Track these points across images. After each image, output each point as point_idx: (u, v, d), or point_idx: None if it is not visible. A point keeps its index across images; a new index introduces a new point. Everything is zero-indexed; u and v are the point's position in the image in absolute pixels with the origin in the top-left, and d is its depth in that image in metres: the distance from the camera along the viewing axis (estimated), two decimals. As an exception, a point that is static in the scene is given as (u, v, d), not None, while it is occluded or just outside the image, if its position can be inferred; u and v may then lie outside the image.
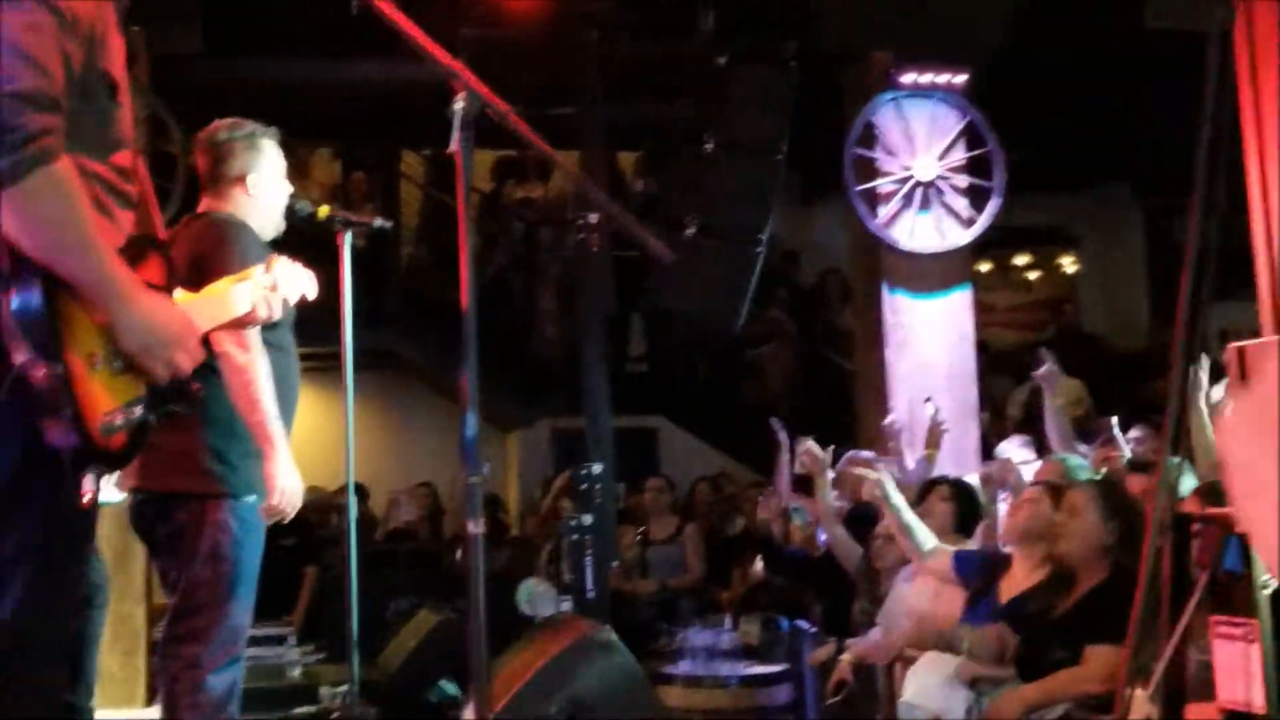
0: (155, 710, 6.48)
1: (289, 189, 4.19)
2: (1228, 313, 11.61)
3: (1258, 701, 1.82)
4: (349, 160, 10.66)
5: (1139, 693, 3.64)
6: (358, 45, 7.33)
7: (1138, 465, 5.24)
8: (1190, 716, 2.28)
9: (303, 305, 3.96)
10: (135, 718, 6.39)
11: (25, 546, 2.24)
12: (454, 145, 2.40)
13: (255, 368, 3.67)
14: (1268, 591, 1.81)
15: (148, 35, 6.81)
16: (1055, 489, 4.80)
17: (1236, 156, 3.55)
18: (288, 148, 4.25)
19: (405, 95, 7.66)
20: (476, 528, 2.45)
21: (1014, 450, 6.37)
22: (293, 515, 3.87)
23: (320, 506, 8.85)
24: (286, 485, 3.74)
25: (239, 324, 3.01)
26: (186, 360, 2.42)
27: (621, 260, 7.90)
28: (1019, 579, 4.67)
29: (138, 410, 2.36)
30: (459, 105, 2.41)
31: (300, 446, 3.96)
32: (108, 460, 2.31)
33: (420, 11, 2.62)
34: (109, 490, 4.45)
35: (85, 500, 2.28)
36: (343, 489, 9.15)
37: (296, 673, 7.01)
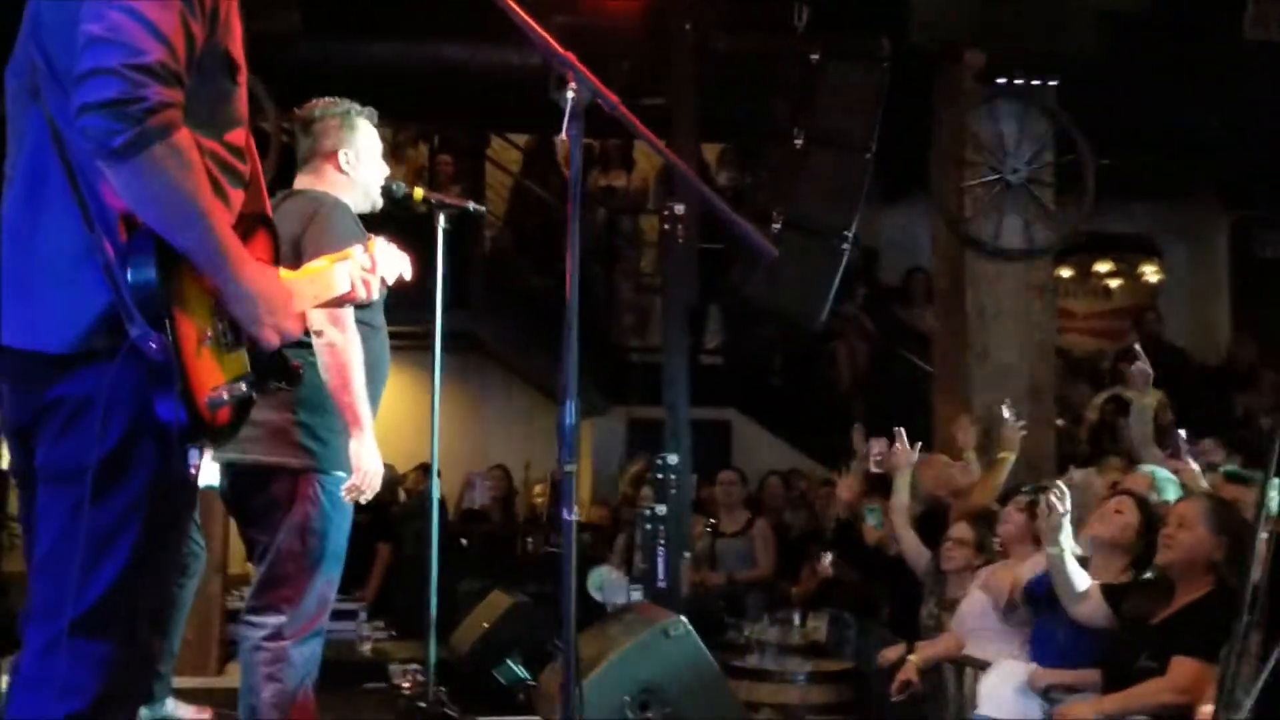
0: (227, 678, 6.60)
1: (385, 168, 4.23)
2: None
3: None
4: (437, 142, 10.73)
5: (1208, 707, 3.61)
6: (453, 28, 7.42)
7: (1235, 477, 5.18)
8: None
9: (392, 285, 4.00)
10: (208, 685, 6.48)
11: (131, 513, 2.27)
12: (564, 134, 2.39)
13: (349, 348, 3.71)
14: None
15: (246, 12, 6.93)
16: (1142, 501, 4.76)
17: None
18: (380, 133, 4.29)
19: (497, 80, 7.77)
20: (571, 515, 2.46)
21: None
22: (372, 495, 3.92)
23: (393, 485, 8.94)
24: (369, 466, 3.79)
25: (337, 303, 3.03)
26: (294, 328, 2.45)
27: (703, 251, 7.89)
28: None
29: (243, 386, 2.38)
30: (570, 94, 2.40)
31: (379, 424, 4.00)
32: (212, 435, 2.34)
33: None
34: (210, 472, 4.53)
35: (191, 472, 2.32)
36: (416, 468, 9.31)
37: (367, 649, 7.10)
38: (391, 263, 3.35)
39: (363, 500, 3.89)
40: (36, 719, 2.21)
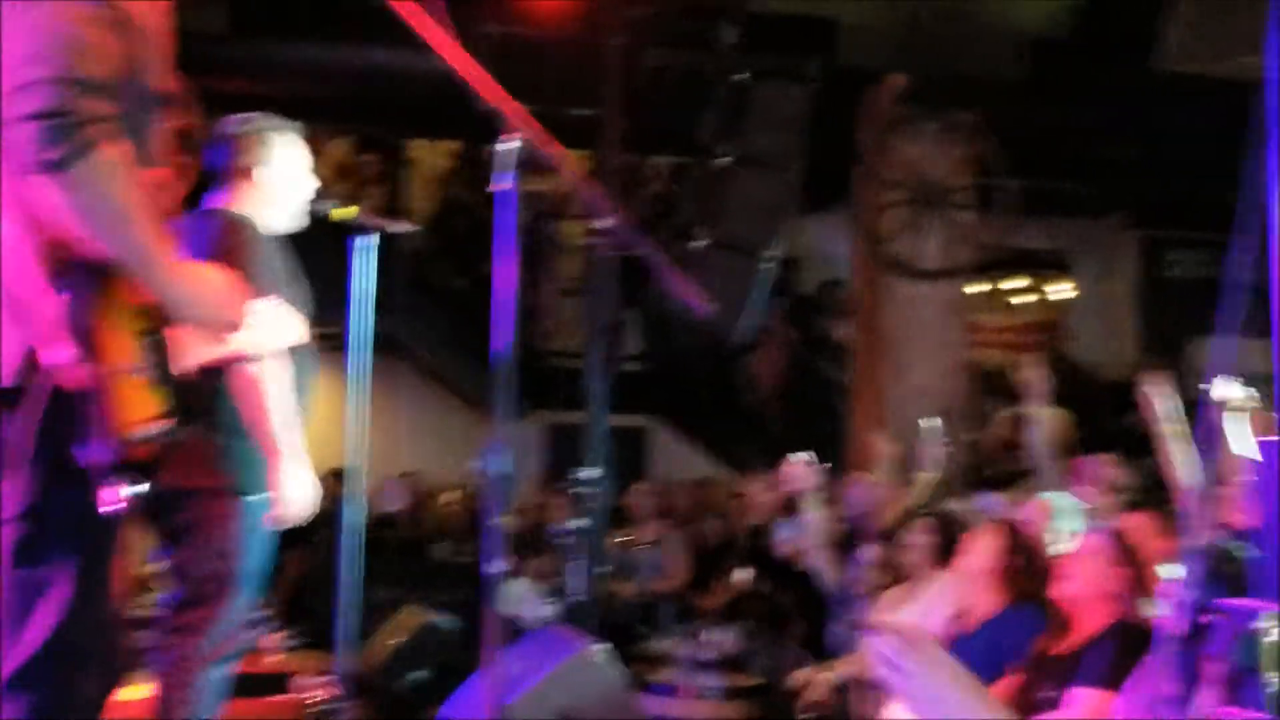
0: (125, 691, 6.48)
1: (312, 184, 4.17)
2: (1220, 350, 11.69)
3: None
4: (360, 143, 10.64)
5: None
6: (383, 33, 7.36)
7: (1135, 504, 5.29)
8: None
9: (316, 289, 3.99)
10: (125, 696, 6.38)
11: (64, 561, 2.26)
12: (501, 185, 2.42)
13: (260, 380, 3.68)
14: (1271, 691, 1.86)
15: (176, 13, 6.83)
16: (1011, 527, 4.74)
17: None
18: (302, 130, 4.23)
19: (421, 83, 7.72)
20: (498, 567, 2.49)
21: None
22: (297, 521, 3.88)
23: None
24: (291, 494, 3.75)
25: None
26: (240, 320, 2.43)
27: (624, 259, 7.91)
28: (978, 615, 4.62)
29: (170, 422, 2.38)
30: (509, 146, 2.42)
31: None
32: (134, 471, 2.29)
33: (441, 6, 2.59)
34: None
35: (116, 509, 2.30)
36: (328, 473, 9.18)
37: (272, 660, 6.99)
38: (277, 329, 3.39)
39: (286, 526, 3.86)
40: None
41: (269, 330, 3.28)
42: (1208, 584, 2.32)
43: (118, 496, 2.26)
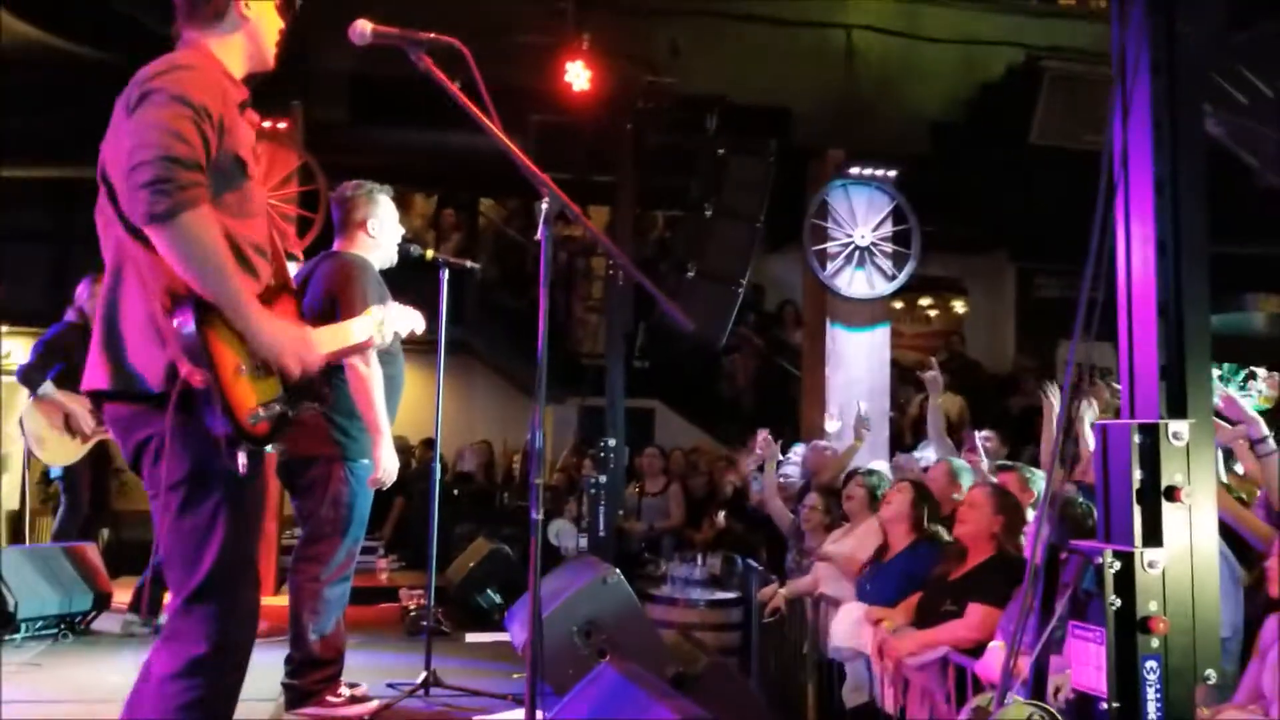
0: (280, 598, 6.49)
1: (401, 231, 4.13)
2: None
3: (1102, 688, 1.80)
4: (442, 200, 10.61)
5: (996, 643, 3.64)
6: (457, 120, 7.33)
7: (1004, 467, 5.24)
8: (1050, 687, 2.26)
9: (417, 303, 3.95)
10: (266, 601, 6.37)
11: (215, 511, 2.27)
12: (540, 235, 2.36)
13: (370, 378, 3.65)
14: (1114, 608, 1.79)
15: (305, 106, 6.79)
16: (917, 484, 4.79)
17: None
18: (400, 191, 4.22)
19: (487, 158, 7.71)
20: (538, 514, 2.44)
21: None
22: (390, 485, 3.83)
23: (405, 452, 8.82)
24: (388, 465, 3.72)
25: (359, 348, 3.04)
26: (311, 363, 2.39)
27: (636, 285, 7.87)
28: (896, 549, 4.65)
29: (277, 406, 2.34)
30: (544, 205, 2.36)
31: (400, 411, 3.96)
32: (255, 441, 2.29)
33: (500, 99, 2.58)
34: None
35: (241, 471, 2.27)
36: (422, 442, 9.18)
37: (383, 577, 7.01)
38: (403, 319, 3.35)
39: (383, 488, 3.81)
40: (173, 665, 2.24)
41: (396, 322, 3.24)
42: (1061, 526, 2.24)
43: (241, 461, 2.25)
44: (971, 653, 3.75)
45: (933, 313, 12.82)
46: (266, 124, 6.58)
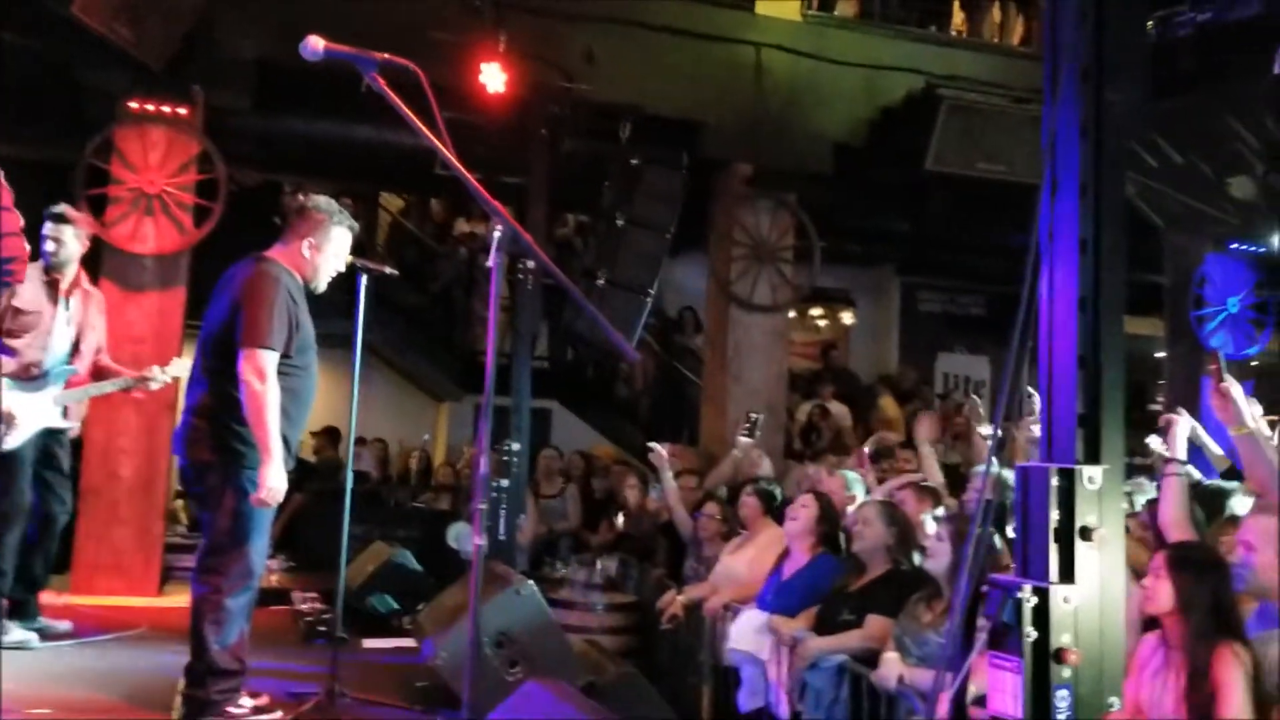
0: (167, 599, 6.25)
1: (341, 267, 4.00)
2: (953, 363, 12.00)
3: (1018, 714, 1.91)
4: (341, 193, 10.33)
5: (891, 654, 3.78)
6: (364, 113, 7.16)
7: (901, 481, 5.42)
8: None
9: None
10: (150, 603, 6.12)
11: None
12: (491, 261, 2.34)
13: (264, 395, 3.55)
14: (1030, 641, 1.90)
15: (206, 92, 6.52)
16: (820, 495, 4.86)
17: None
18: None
19: (390, 151, 7.54)
20: (480, 540, 2.42)
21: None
22: (276, 504, 3.72)
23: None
24: (273, 485, 3.62)
25: None
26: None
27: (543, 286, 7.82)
28: (799, 562, 4.72)
29: None
30: (497, 232, 2.35)
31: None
32: None
33: (410, 94, 2.55)
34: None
35: None
36: (321, 431, 8.91)
37: (274, 579, 6.79)
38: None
39: (269, 508, 3.70)
40: None
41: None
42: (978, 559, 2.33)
43: None
44: (868, 661, 3.88)
45: (822, 322, 13.13)
46: (166, 109, 6.31)
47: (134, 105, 6.32)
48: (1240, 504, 3.84)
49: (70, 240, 4.83)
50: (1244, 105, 4.01)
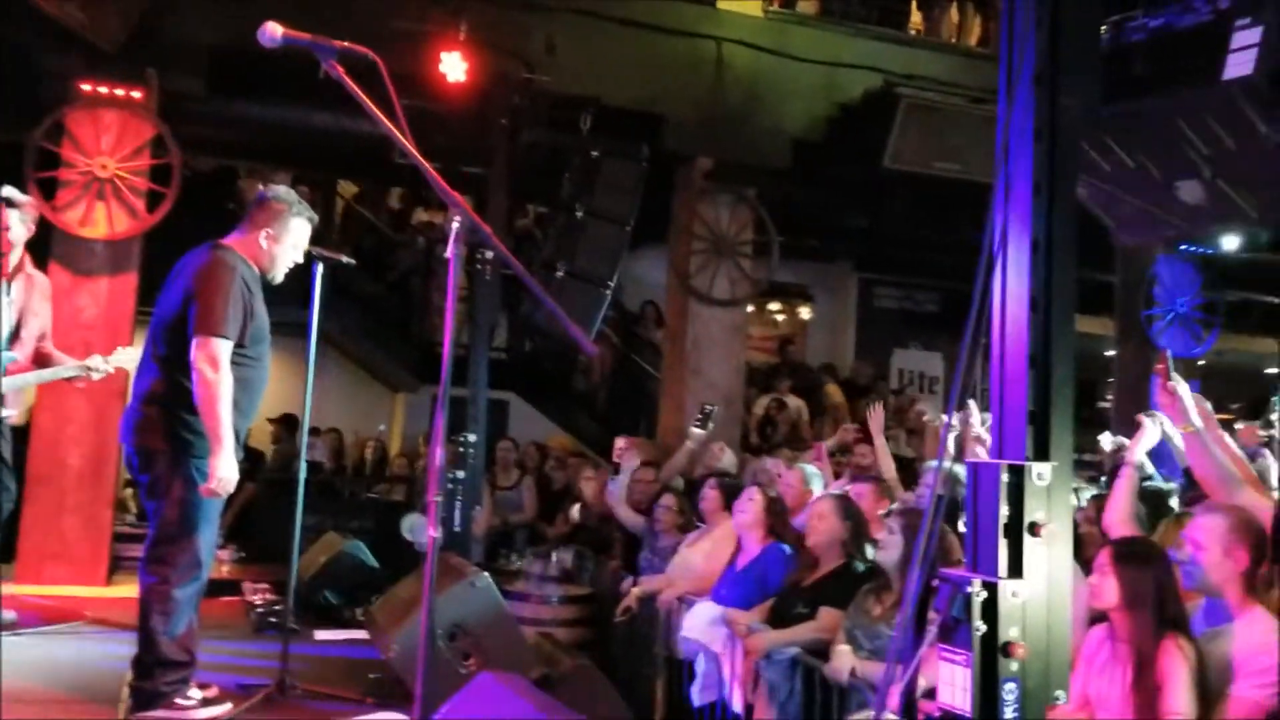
0: (115, 589, 6.14)
1: (299, 259, 3.95)
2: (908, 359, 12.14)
3: (966, 707, 1.94)
4: (297, 179, 10.18)
5: (843, 647, 3.82)
6: (320, 100, 7.07)
7: (860, 476, 5.48)
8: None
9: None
10: (99, 594, 6.01)
11: None
12: (450, 252, 2.32)
13: (216, 384, 3.49)
14: (979, 634, 1.93)
15: (161, 76, 6.40)
16: (765, 490, 4.88)
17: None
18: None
19: (348, 139, 7.46)
20: (435, 532, 2.41)
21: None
22: (226, 495, 3.68)
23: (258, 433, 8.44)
24: (224, 475, 3.57)
25: None
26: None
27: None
28: (750, 554, 4.74)
29: None
30: (455, 223, 2.33)
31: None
32: None
33: (369, 82, 2.53)
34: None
35: None
36: (278, 419, 8.79)
37: (225, 569, 6.70)
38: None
39: (218, 498, 3.65)
40: None
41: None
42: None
43: None
44: (821, 654, 3.92)
45: (780, 317, 13.22)
46: (120, 92, 6.18)
47: (86, 88, 6.18)
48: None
49: (15, 224, 4.71)
50: (1193, 111, 4.10)
